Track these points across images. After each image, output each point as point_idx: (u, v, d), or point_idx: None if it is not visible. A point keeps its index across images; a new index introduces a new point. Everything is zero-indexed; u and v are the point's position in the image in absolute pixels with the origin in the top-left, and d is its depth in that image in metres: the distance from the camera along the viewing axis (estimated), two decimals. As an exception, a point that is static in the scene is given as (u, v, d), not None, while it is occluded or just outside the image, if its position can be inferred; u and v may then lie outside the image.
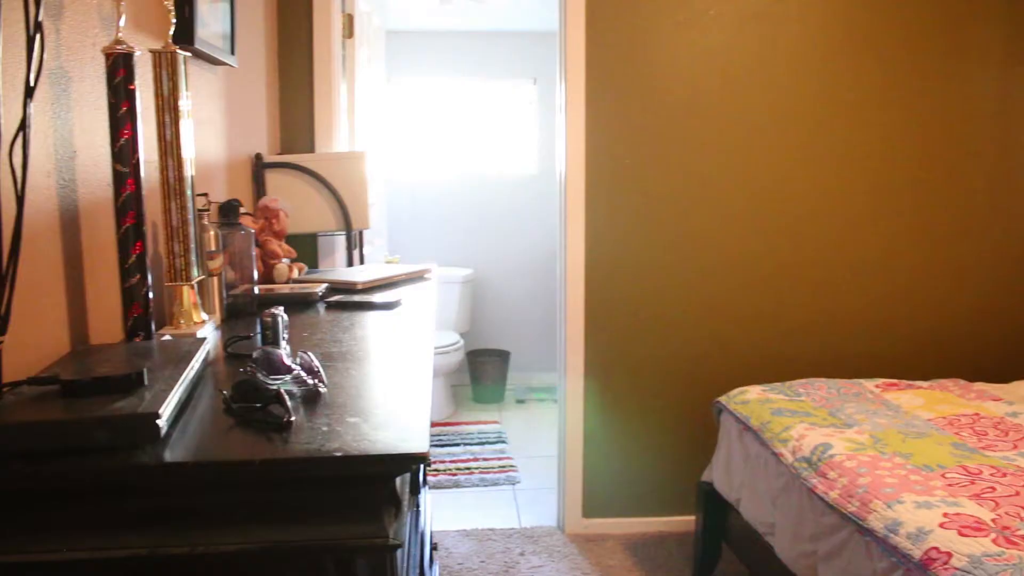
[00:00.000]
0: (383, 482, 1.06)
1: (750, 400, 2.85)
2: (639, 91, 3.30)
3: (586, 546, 3.38)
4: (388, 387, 1.37)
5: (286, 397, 1.16)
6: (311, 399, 1.24)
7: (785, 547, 2.41)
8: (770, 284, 3.43)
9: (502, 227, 5.60)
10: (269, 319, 1.46)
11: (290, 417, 1.12)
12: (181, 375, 1.19)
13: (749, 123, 3.35)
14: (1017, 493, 2.05)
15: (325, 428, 1.10)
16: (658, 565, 3.22)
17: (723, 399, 2.98)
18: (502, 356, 5.45)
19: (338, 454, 1.01)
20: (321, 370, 1.31)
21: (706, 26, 3.29)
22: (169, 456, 1.01)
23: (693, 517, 3.14)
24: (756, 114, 3.35)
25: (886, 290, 3.49)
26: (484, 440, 4.64)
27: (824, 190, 3.41)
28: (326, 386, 1.29)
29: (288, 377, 1.27)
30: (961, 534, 1.83)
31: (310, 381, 1.27)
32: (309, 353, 1.33)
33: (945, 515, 1.91)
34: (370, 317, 1.92)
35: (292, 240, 2.61)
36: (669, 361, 3.44)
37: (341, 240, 3.17)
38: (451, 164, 5.56)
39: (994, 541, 1.79)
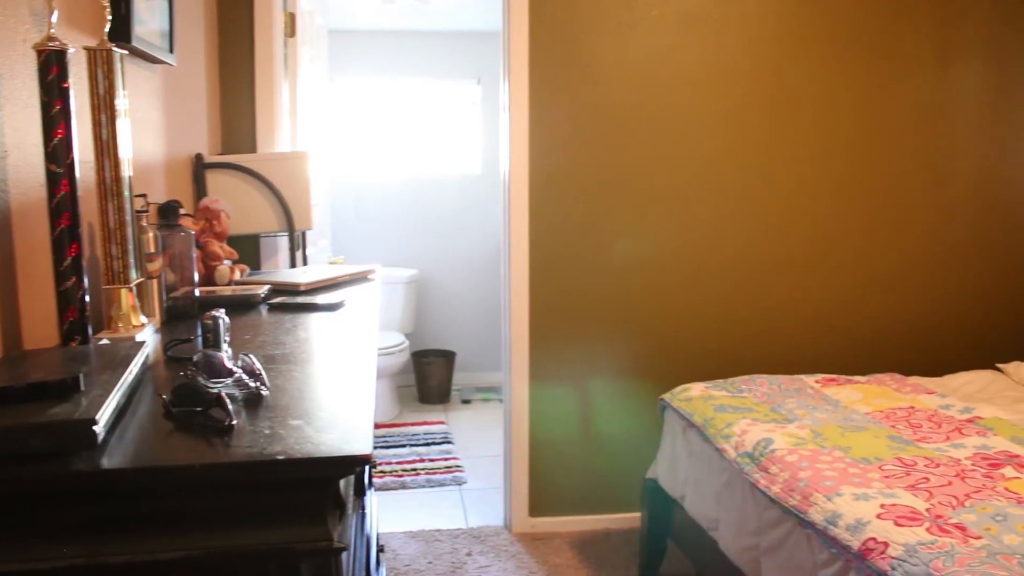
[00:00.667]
0: (327, 485, 1.05)
1: (693, 397, 2.89)
2: (583, 91, 3.32)
3: (533, 545, 3.39)
4: (331, 389, 1.36)
5: (227, 401, 1.15)
6: (253, 402, 1.22)
7: (729, 541, 2.45)
8: (712, 283, 3.48)
9: (447, 227, 5.59)
10: (210, 322, 1.44)
11: (232, 421, 1.11)
12: (119, 380, 1.17)
13: (693, 123, 3.39)
14: (949, 483, 2.11)
15: (267, 431, 1.09)
16: (605, 562, 3.25)
17: (667, 396, 3.02)
18: (447, 356, 5.44)
19: (280, 457, 1.00)
20: (263, 373, 1.29)
21: (649, 27, 3.32)
22: (107, 463, 1.00)
23: (639, 514, 3.17)
24: (700, 115, 3.39)
25: (826, 288, 3.56)
26: (430, 441, 4.62)
27: (765, 189, 3.47)
28: (268, 389, 1.28)
29: (229, 380, 1.25)
30: (897, 524, 1.87)
31: (252, 384, 1.26)
32: (251, 356, 1.32)
33: (882, 506, 1.96)
34: (313, 319, 1.91)
35: (234, 241, 2.57)
36: (614, 359, 3.47)
37: (284, 241, 3.14)
38: (395, 164, 5.54)
39: (928, 530, 1.84)
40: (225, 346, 1.45)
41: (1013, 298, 3.69)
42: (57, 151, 1.41)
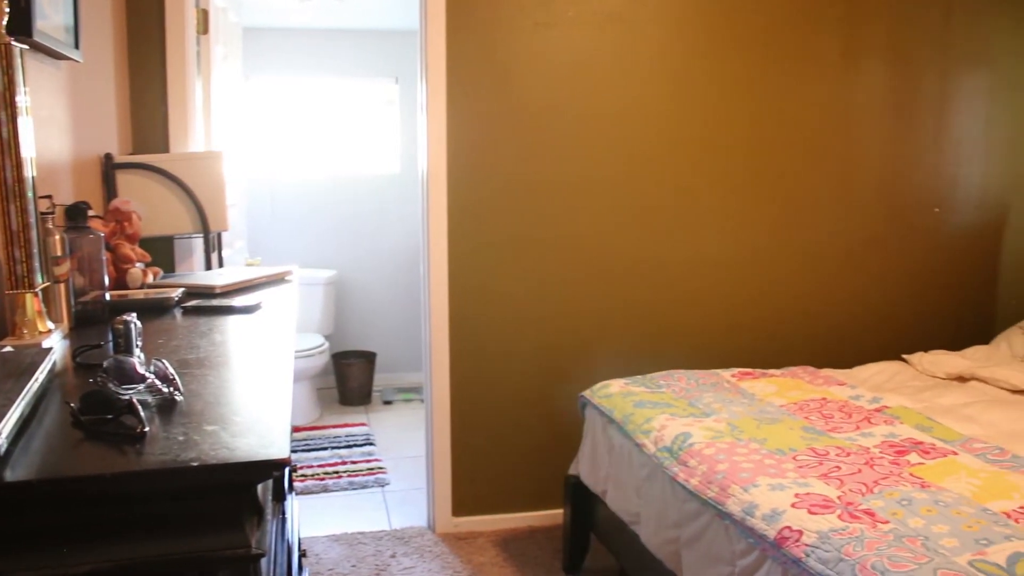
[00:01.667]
0: (244, 490, 1.04)
1: (613, 394, 2.92)
2: (501, 90, 3.33)
3: (457, 544, 3.39)
4: (248, 393, 1.34)
5: (139, 407, 1.12)
6: (167, 408, 1.20)
7: (650, 535, 2.49)
8: (631, 280, 3.53)
9: (365, 227, 5.55)
10: (121, 326, 1.41)
11: (144, 427, 1.08)
12: (23, 388, 1.13)
13: (610, 122, 3.43)
14: (859, 471, 2.18)
15: (181, 437, 1.07)
16: (529, 559, 3.26)
17: (587, 393, 3.05)
18: (368, 357, 5.39)
19: (195, 464, 0.99)
20: (177, 378, 1.26)
21: (565, 27, 3.35)
22: (10, 475, 0.96)
23: (562, 510, 3.20)
24: (616, 114, 3.43)
25: (740, 284, 3.64)
26: (352, 443, 4.58)
27: (681, 187, 3.53)
28: (182, 394, 1.25)
29: (142, 386, 1.22)
30: (811, 512, 1.93)
31: (165, 389, 1.23)
32: (164, 361, 1.29)
33: (796, 495, 2.02)
34: (229, 322, 1.87)
35: (146, 244, 2.51)
36: (534, 357, 3.49)
37: (199, 243, 3.07)
38: (313, 164, 5.47)
39: (839, 517, 1.90)
40: (137, 351, 1.41)
41: (916, 292, 3.84)
42: (-46, 151, 1.35)
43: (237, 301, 2.07)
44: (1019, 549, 1.74)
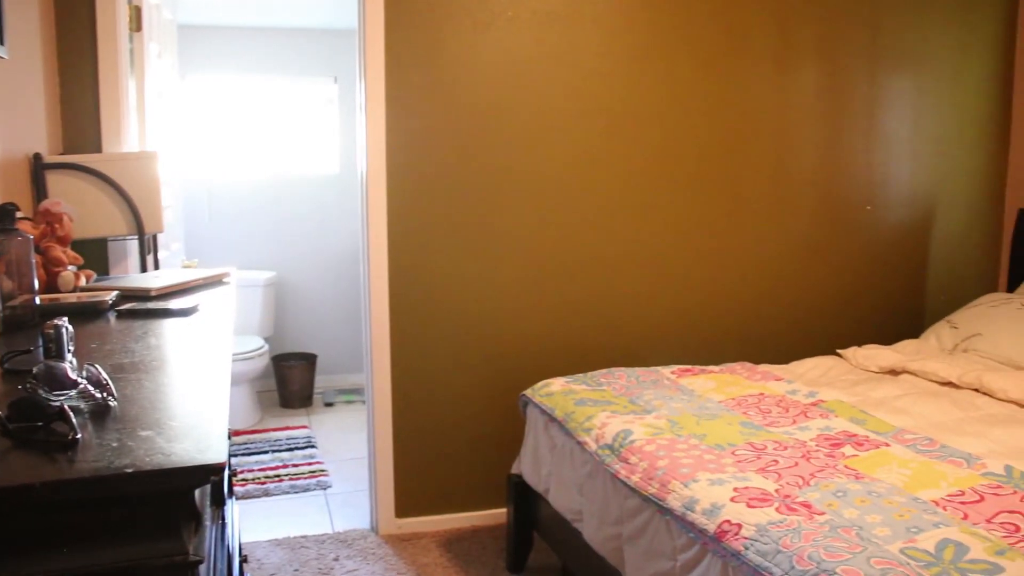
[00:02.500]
0: (181, 496, 1.02)
1: (554, 392, 2.94)
2: (441, 89, 3.33)
3: (400, 546, 3.38)
4: (184, 397, 1.32)
5: (71, 413, 1.10)
6: (100, 414, 1.17)
7: (593, 532, 2.51)
8: (573, 278, 3.55)
9: (305, 228, 5.49)
10: (52, 331, 1.37)
11: (76, 434, 1.06)
12: (-51, 395, 1.10)
13: (552, 121, 3.45)
14: (796, 464, 2.23)
15: (115, 444, 1.05)
16: (472, 559, 3.27)
17: (528, 392, 3.06)
18: (308, 359, 5.34)
19: (129, 470, 0.97)
20: (110, 383, 1.24)
21: (504, 27, 3.36)
22: (-65, 485, 0.93)
23: (505, 510, 3.21)
24: (557, 113, 3.45)
25: (680, 282, 3.69)
26: (293, 446, 4.53)
27: (621, 186, 3.56)
28: (116, 399, 1.23)
29: (73, 392, 1.19)
30: (749, 506, 1.97)
31: (98, 395, 1.21)
32: (97, 365, 1.26)
33: (735, 490, 2.05)
34: (165, 325, 1.84)
35: (79, 246, 2.46)
36: (476, 357, 3.49)
37: (134, 245, 3.02)
38: (251, 164, 5.40)
39: (777, 509, 1.94)
40: (69, 356, 1.38)
41: (850, 288, 3.93)
42: None
43: (173, 304, 2.04)
44: (947, 536, 1.80)
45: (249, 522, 3.58)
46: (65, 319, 1.40)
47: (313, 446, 4.54)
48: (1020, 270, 3.84)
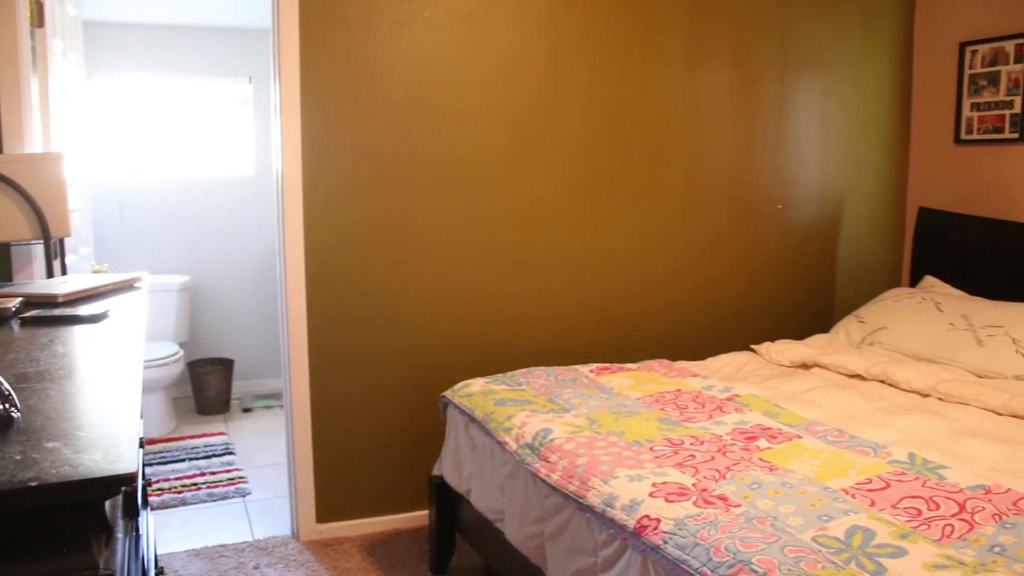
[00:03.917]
0: (90, 509, 0.99)
1: (474, 392, 2.94)
2: (358, 89, 3.30)
3: (322, 551, 3.34)
4: (93, 406, 1.28)
5: (-29, 426, 1.06)
6: (2, 426, 1.13)
7: (514, 531, 2.52)
8: (490, 278, 3.56)
9: (220, 231, 5.38)
10: (-51, 340, 1.32)
11: (-23, 447, 1.02)
12: None
13: (467, 122, 3.45)
14: (712, 458, 2.28)
15: (19, 457, 1.01)
16: (395, 562, 3.25)
17: (448, 393, 3.06)
18: (225, 364, 5.24)
19: (34, 484, 0.93)
20: (13, 393, 1.20)
21: (421, 27, 3.35)
22: None
23: (427, 511, 3.20)
24: (474, 113, 3.45)
25: (597, 280, 3.73)
26: (211, 453, 4.44)
27: (540, 186, 3.58)
28: (19, 410, 1.18)
29: (-26, 404, 1.15)
30: (667, 500, 2.00)
31: (0, 407, 1.16)
32: (-1, 375, 1.22)
33: (654, 485, 2.09)
34: (74, 332, 1.79)
35: (-22, 251, 2.37)
36: (396, 359, 3.47)
37: (39, 249, 2.92)
38: (164, 166, 5.26)
39: (694, 503, 1.98)
40: (-32, 366, 1.33)
41: (762, 285, 4.03)
42: None
43: (82, 310, 1.98)
44: (855, 523, 1.86)
45: (166, 533, 3.50)
46: (-36, 328, 1.35)
47: (231, 453, 4.46)
48: (922, 265, 3.99)
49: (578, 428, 2.52)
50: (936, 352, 3.24)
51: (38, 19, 3.09)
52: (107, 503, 1.05)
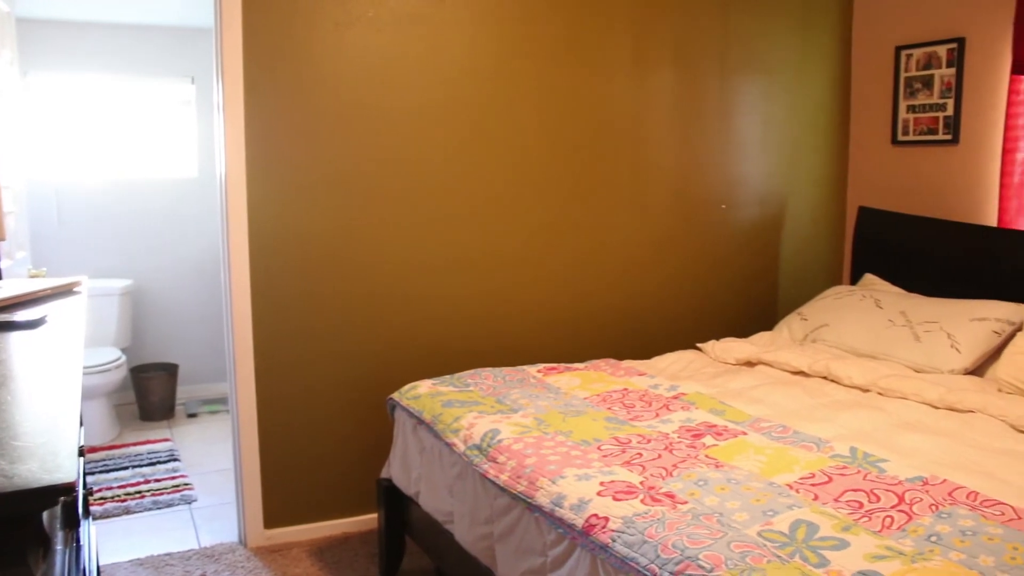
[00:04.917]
0: (26, 521, 0.97)
1: (421, 394, 2.93)
2: (302, 90, 3.27)
3: (270, 557, 3.30)
4: (29, 415, 1.25)
5: (-99, 437, 1.03)
6: (-66, 437, 1.10)
7: (464, 532, 2.51)
8: (436, 281, 3.55)
9: (163, 233, 5.29)
10: None
11: (-93, 460, 0.99)
12: None
13: (413, 122, 3.44)
14: (659, 456, 2.30)
15: (-48, 468, 0.99)
16: (345, 566, 3.22)
17: (396, 395, 3.04)
18: (169, 369, 5.15)
19: (-33, 496, 0.91)
20: (-54, 403, 1.17)
21: (365, 27, 3.33)
22: None
23: (376, 515, 3.18)
24: (419, 114, 3.44)
25: (544, 282, 3.74)
26: (155, 460, 4.36)
27: (486, 186, 3.58)
28: (-47, 420, 1.15)
29: (-96, 414, 1.12)
30: (615, 499, 2.02)
31: (-68, 416, 1.13)
32: (-70, 385, 1.18)
33: (602, 484, 2.10)
34: (9, 339, 1.74)
35: (-93, 256, 2.30)
36: (342, 361, 3.44)
37: (-29, 254, 2.84)
38: (104, 167, 5.16)
39: (642, 501, 2.00)
40: (-102, 376, 1.29)
41: (707, 284, 4.08)
42: None
43: (18, 316, 1.93)
44: (799, 517, 1.90)
45: (109, 543, 3.43)
46: None
47: (176, 459, 4.38)
48: (861, 264, 4.07)
49: (526, 428, 2.52)
50: (876, 348, 3.31)
51: (-30, 17, 3.01)
52: (45, 514, 1.02)
